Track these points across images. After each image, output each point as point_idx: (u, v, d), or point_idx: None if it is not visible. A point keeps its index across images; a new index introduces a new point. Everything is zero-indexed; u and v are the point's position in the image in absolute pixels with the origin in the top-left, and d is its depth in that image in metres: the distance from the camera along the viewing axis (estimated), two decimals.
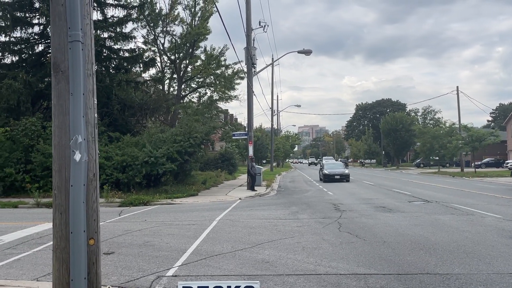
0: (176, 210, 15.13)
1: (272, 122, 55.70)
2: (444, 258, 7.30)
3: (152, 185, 20.67)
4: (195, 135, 21.08)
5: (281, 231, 10.22)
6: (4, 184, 19.36)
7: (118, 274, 6.65)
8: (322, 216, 12.83)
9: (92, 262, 3.80)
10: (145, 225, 11.51)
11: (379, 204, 15.88)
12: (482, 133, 45.12)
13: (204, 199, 18.83)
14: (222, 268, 6.91)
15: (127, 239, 9.50)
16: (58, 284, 3.76)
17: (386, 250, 8.02)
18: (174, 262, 7.33)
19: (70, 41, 3.71)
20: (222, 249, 8.32)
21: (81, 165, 3.69)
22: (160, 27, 33.58)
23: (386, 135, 78.98)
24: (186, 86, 36.40)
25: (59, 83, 3.77)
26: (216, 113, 39.60)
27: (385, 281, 6.06)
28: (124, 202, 16.99)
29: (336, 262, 7.14)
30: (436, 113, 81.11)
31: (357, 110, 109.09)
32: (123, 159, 19.79)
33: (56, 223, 3.78)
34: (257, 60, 26.63)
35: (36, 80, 22.07)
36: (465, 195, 19.29)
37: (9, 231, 10.70)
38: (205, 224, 11.55)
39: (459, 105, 50.15)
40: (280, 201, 17.95)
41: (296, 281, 6.13)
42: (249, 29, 25.17)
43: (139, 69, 28.23)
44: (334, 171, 32.08)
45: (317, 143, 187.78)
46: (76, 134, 3.68)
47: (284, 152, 78.49)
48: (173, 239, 9.42)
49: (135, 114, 27.57)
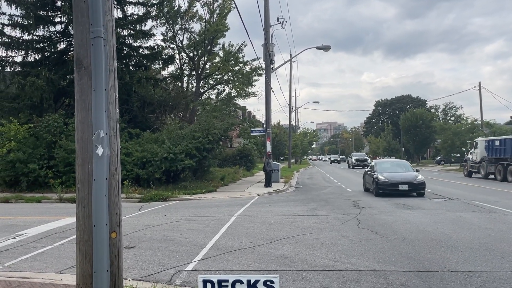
0: (195, 206, 15.25)
1: (290, 118, 55.54)
2: (465, 256, 7.19)
3: (171, 181, 20.86)
4: (213, 131, 21.19)
5: (300, 227, 10.21)
6: (28, 180, 19.79)
7: (139, 268, 6.75)
8: (341, 212, 12.76)
9: (114, 255, 3.86)
10: (165, 220, 11.64)
11: (399, 201, 15.70)
12: (505, 130, 44.15)
13: (222, 195, 18.92)
14: (241, 263, 6.94)
15: (147, 234, 9.63)
16: (81, 276, 3.83)
17: (406, 247, 7.94)
18: (193, 257, 7.40)
19: (92, 37, 3.76)
20: (241, 244, 8.36)
21: (103, 159, 3.75)
22: (178, 25, 33.79)
23: (405, 131, 77.87)
24: (205, 83, 36.57)
25: (82, 78, 3.83)
26: (234, 110, 39.68)
27: (405, 278, 6.01)
28: (144, 197, 17.20)
29: (356, 259, 7.10)
30: (457, 109, 79.62)
31: (376, 106, 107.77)
32: (143, 155, 20.03)
33: (79, 216, 3.85)
34: (275, 56, 26.59)
35: (58, 78, 22.47)
36: (487, 192, 18.90)
37: (33, 225, 10.95)
38: (224, 219, 11.61)
39: (481, 101, 49.20)
40: (298, 198, 17.91)
41: (315, 276, 6.12)
42: (267, 26, 25.13)
43: (158, 66, 28.44)
44: (398, 177, 17.94)
45: (336, 140, 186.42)
46: (99, 129, 3.74)
47: (302, 149, 78.06)
48: (192, 234, 9.50)
49: (155, 111, 27.83)
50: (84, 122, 3.82)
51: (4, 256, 7.71)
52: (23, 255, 7.70)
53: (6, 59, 23.07)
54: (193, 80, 36.19)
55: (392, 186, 17.41)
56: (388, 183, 17.50)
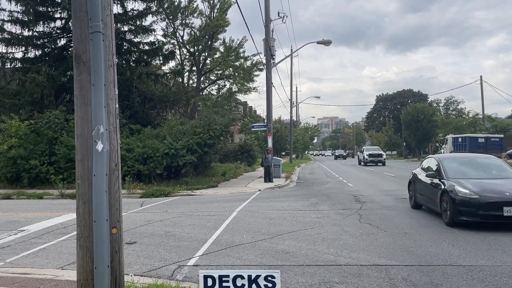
0: (197, 201, 15.26)
1: (291, 113, 55.51)
2: (467, 250, 7.18)
3: (173, 177, 20.88)
4: (214, 127, 21.18)
5: (301, 222, 10.21)
6: (29, 176, 19.82)
7: (140, 264, 6.76)
8: (342, 207, 12.76)
9: (115, 251, 3.85)
10: (166, 216, 11.65)
11: (400, 195, 15.69)
12: (507, 124, 44.13)
13: (223, 191, 18.93)
14: (242, 258, 6.94)
15: (148, 229, 9.64)
16: (82, 272, 3.83)
17: (408, 241, 7.93)
18: (195, 252, 7.40)
19: (91, 32, 3.74)
20: (242, 239, 8.37)
21: (103, 155, 3.74)
22: (179, 20, 33.74)
23: (407, 126, 77.72)
24: (205, 79, 36.56)
25: (81, 74, 3.81)
26: (235, 105, 39.69)
27: (406, 272, 6.00)
28: (145, 193, 17.22)
29: (357, 253, 7.10)
30: (459, 103, 79.62)
31: (378, 101, 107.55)
32: (144, 151, 20.04)
33: (79, 212, 3.84)
34: (276, 51, 26.50)
35: (59, 74, 22.47)
36: None
37: (35, 221, 10.97)
38: (225, 215, 11.62)
39: (483, 95, 49.14)
40: (299, 193, 17.92)
41: (317, 271, 6.12)
42: (268, 20, 25.04)
43: (159, 62, 28.42)
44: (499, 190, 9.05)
45: (337, 135, 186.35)
46: (98, 124, 3.72)
47: (303, 144, 78.14)
48: (194, 230, 9.51)
49: (155, 106, 27.83)
50: (84, 118, 3.80)
51: (6, 252, 7.73)
52: (24, 251, 7.72)
53: (7, 56, 23.09)
54: (193, 75, 36.21)
55: (489, 209, 8.77)
56: (480, 203, 8.84)
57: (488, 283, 5.47)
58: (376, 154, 42.46)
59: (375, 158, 41.79)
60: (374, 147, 51.78)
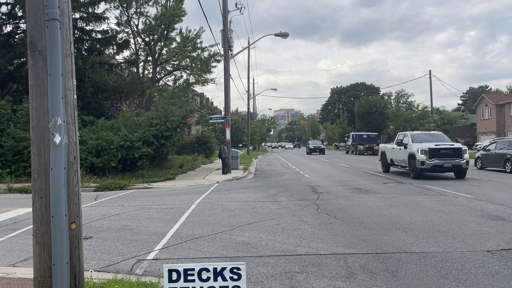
0: (154, 194, 15.02)
1: (248, 105, 55.58)
2: (419, 237, 7.51)
3: (128, 170, 20.41)
4: (171, 118, 20.84)
5: (261, 214, 10.30)
6: None
7: (97, 259, 6.59)
8: (300, 198, 12.97)
9: (74, 247, 3.73)
10: (123, 210, 11.40)
11: (355, 185, 16.16)
12: (453, 116, 46.35)
13: (181, 183, 18.74)
14: (203, 251, 6.92)
15: (104, 224, 9.39)
16: (40, 269, 3.68)
17: (364, 230, 8.19)
18: (154, 246, 7.30)
19: (47, 19, 3.56)
20: (202, 232, 8.33)
21: (61, 148, 3.59)
22: (133, 8, 32.71)
23: (360, 118, 79.99)
24: (162, 69, 35.76)
25: (36, 63, 3.63)
26: (192, 97, 39.22)
27: (364, 260, 6.21)
28: (100, 186, 16.75)
29: (316, 243, 7.25)
30: (409, 96, 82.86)
31: (332, 93, 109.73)
32: (97, 143, 19.42)
33: (36, 207, 3.68)
34: (234, 42, 26.37)
35: (5, 62, 21.28)
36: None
37: None
38: (184, 207, 11.52)
39: (432, 89, 51.26)
40: (258, 184, 18.04)
41: (277, 261, 6.21)
42: (225, 11, 24.85)
43: (113, 51, 27.55)
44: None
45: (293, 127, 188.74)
46: (56, 116, 3.57)
47: (260, 136, 78.63)
48: (152, 223, 9.36)
49: (109, 97, 26.99)
50: (40, 109, 3.63)
51: None
52: None
53: None
54: (149, 66, 35.27)
55: None
56: None
57: (440, 268, 5.75)
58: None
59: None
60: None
